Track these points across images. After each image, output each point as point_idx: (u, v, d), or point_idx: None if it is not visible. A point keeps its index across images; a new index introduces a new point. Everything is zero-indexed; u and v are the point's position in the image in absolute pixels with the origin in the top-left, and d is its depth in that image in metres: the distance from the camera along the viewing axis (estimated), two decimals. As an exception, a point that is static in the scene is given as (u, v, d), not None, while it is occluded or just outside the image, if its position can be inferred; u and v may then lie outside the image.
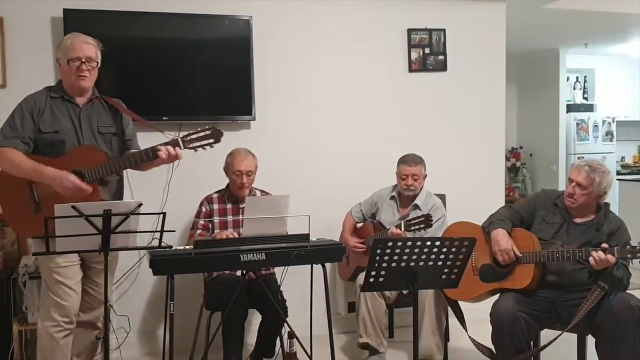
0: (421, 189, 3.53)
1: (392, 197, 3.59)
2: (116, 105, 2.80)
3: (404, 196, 3.54)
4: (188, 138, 2.67)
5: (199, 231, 3.30)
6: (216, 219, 3.31)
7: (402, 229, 3.17)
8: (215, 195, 3.40)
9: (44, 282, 2.66)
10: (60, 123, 2.62)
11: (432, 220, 3.13)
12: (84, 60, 2.62)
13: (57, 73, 3.41)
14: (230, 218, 3.32)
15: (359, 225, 3.73)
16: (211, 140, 2.69)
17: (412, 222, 3.15)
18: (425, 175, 3.55)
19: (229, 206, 3.36)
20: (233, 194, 3.34)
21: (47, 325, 2.61)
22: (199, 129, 2.70)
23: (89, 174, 2.56)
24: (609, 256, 2.62)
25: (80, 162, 2.56)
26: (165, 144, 2.65)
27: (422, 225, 3.12)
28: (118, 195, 2.81)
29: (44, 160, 2.55)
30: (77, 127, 2.65)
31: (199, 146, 2.68)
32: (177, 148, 2.64)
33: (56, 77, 3.45)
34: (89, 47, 2.65)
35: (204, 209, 3.35)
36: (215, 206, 3.36)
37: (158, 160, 2.66)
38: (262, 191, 3.46)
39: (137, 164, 2.67)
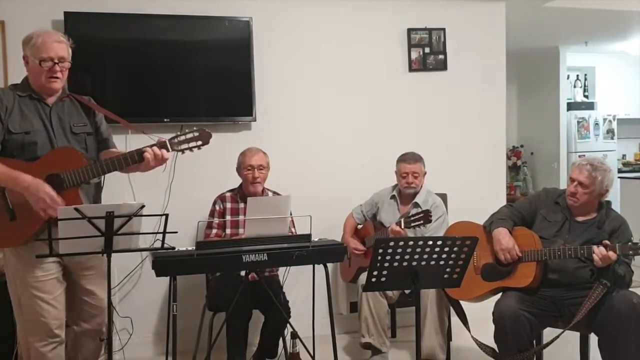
0: (421, 187, 3.54)
1: (393, 197, 3.60)
2: (87, 102, 2.62)
3: (405, 195, 3.55)
4: (176, 140, 2.52)
5: (214, 231, 3.30)
6: (228, 219, 3.32)
7: (402, 226, 3.18)
8: (228, 194, 3.40)
9: (16, 295, 2.49)
10: (31, 123, 2.43)
11: (431, 215, 3.13)
12: (56, 60, 2.43)
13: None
14: (242, 218, 3.31)
15: (360, 226, 3.73)
16: (199, 142, 2.54)
17: (412, 218, 3.16)
18: (425, 173, 3.56)
19: (241, 205, 3.35)
20: (246, 194, 3.33)
21: (32, 341, 2.49)
22: (187, 130, 2.55)
23: (69, 179, 2.39)
24: (610, 253, 2.62)
25: (57, 166, 2.40)
26: (151, 145, 2.48)
27: (422, 221, 3.13)
28: (96, 200, 2.61)
29: (17, 164, 2.36)
30: (48, 128, 2.46)
31: (187, 148, 2.54)
32: (163, 150, 2.48)
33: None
34: (61, 47, 2.45)
35: (217, 208, 3.35)
36: (228, 205, 3.36)
37: (144, 163, 2.48)
38: (274, 192, 3.46)
39: (122, 167, 2.48)
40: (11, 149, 2.41)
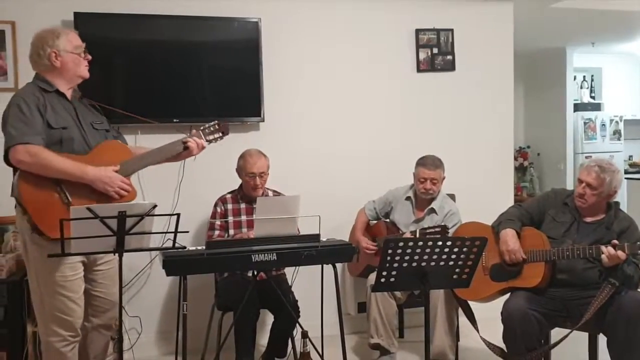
0: (438, 192, 3.52)
1: (408, 198, 3.58)
2: (95, 103, 2.73)
3: (421, 198, 3.53)
4: (206, 131, 2.78)
5: (217, 232, 3.31)
6: (230, 219, 3.33)
7: (417, 237, 3.16)
8: (228, 196, 3.41)
9: (40, 294, 2.52)
10: (65, 119, 2.51)
11: (448, 231, 3.12)
12: (85, 48, 2.63)
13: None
14: (244, 218, 3.34)
15: (372, 223, 3.73)
16: (221, 134, 2.82)
17: (428, 230, 3.14)
18: (444, 178, 3.52)
19: (242, 206, 3.38)
20: (246, 194, 3.36)
21: (53, 341, 2.53)
22: (208, 124, 2.81)
23: (123, 169, 2.53)
24: (619, 252, 2.63)
25: (109, 158, 2.53)
26: (189, 136, 2.74)
27: (438, 237, 3.10)
28: None
29: (73, 159, 2.45)
30: (78, 124, 2.56)
31: (213, 139, 2.79)
32: (201, 140, 2.76)
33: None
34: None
35: (219, 210, 3.37)
36: (230, 206, 3.38)
37: (185, 152, 2.72)
38: (274, 191, 3.48)
39: (171, 156, 2.72)
40: (49, 143, 2.44)
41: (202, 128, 2.79)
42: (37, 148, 2.37)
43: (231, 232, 3.34)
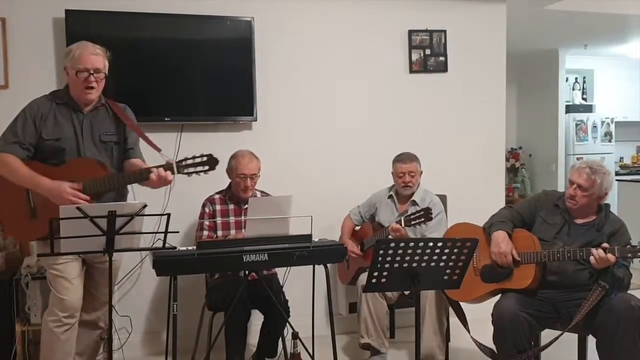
0: (418, 186, 3.56)
1: (390, 197, 3.61)
2: (119, 113, 2.76)
3: (402, 194, 3.56)
4: (183, 163, 2.60)
5: (206, 232, 3.30)
6: (219, 220, 3.32)
7: (402, 224, 3.19)
8: (216, 197, 3.40)
9: (48, 278, 2.71)
10: (63, 130, 2.61)
11: (431, 213, 3.14)
12: (92, 71, 2.60)
13: (59, 74, 3.44)
14: (232, 219, 3.33)
15: (358, 228, 3.74)
16: (206, 167, 2.60)
17: (412, 216, 3.17)
18: (421, 172, 3.57)
19: (231, 207, 3.37)
20: (235, 195, 3.35)
21: (48, 320, 2.66)
22: (196, 155, 2.61)
23: (87, 187, 2.54)
24: (609, 255, 2.63)
25: (78, 174, 2.56)
26: (159, 166, 2.60)
27: (422, 219, 3.13)
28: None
29: (42, 169, 2.56)
30: (78, 135, 2.64)
31: (193, 172, 2.60)
32: (168, 172, 2.57)
33: (58, 77, 3.46)
34: (97, 59, 2.63)
35: (207, 210, 3.35)
36: (218, 207, 3.36)
37: (149, 181, 2.60)
38: (262, 192, 3.47)
39: (132, 183, 2.70)
40: (42, 153, 2.62)
41: (182, 159, 2.62)
42: (9, 157, 2.55)
43: (219, 233, 3.33)
